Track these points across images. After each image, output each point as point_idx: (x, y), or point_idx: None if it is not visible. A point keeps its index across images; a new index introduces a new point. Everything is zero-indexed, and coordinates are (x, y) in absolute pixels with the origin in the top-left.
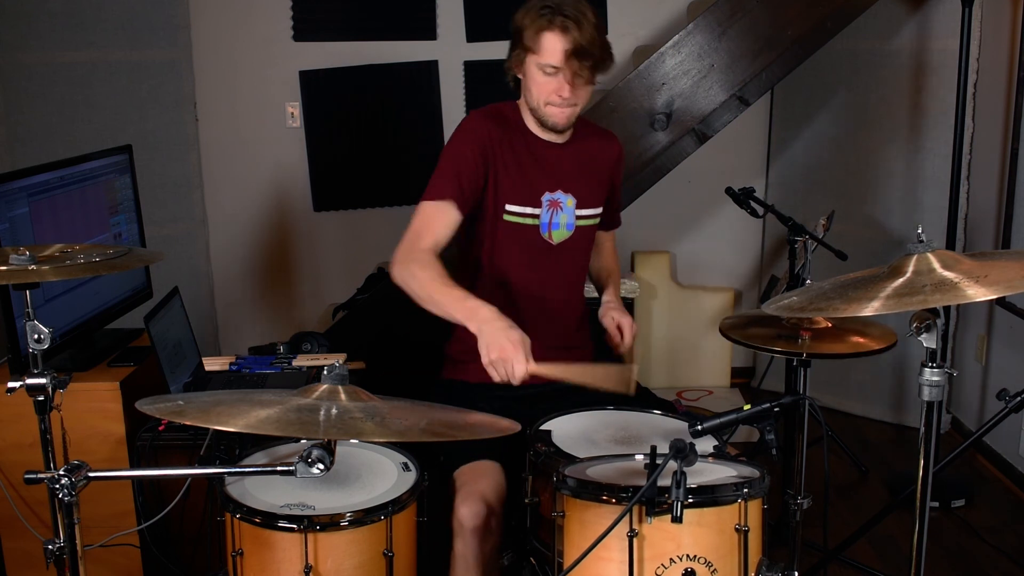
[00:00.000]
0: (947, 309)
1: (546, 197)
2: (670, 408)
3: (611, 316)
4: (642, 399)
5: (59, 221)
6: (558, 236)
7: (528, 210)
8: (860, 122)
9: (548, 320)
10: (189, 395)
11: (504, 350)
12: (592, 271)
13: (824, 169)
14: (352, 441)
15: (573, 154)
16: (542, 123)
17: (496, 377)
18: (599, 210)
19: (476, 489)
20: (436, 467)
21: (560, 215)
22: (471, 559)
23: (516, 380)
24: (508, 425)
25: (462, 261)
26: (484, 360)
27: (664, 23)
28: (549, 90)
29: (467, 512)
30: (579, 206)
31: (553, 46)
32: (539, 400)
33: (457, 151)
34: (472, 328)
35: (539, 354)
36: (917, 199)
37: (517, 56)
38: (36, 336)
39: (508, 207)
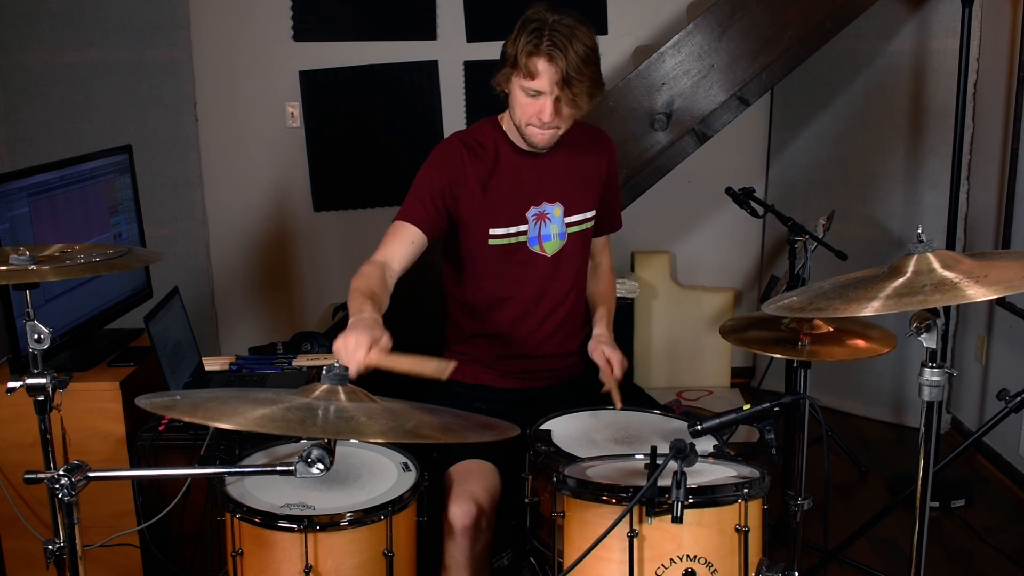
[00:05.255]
0: (947, 309)
1: (532, 212)
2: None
3: (602, 351)
4: (636, 399)
5: (59, 221)
6: (551, 247)
7: (513, 229)
8: (860, 122)
9: (553, 330)
10: (186, 391)
11: (347, 341)
12: (587, 293)
13: (824, 169)
14: (352, 441)
15: (560, 161)
16: (525, 141)
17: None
18: (591, 213)
19: (467, 489)
20: (435, 467)
21: (549, 226)
22: (461, 559)
23: (351, 370)
24: (503, 430)
25: (458, 285)
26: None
27: (664, 23)
28: (531, 112)
29: (457, 511)
30: (568, 213)
31: (538, 71)
32: (538, 401)
33: (425, 176)
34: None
35: (548, 364)
36: (917, 199)
37: (504, 73)
38: (36, 336)
39: (492, 231)
